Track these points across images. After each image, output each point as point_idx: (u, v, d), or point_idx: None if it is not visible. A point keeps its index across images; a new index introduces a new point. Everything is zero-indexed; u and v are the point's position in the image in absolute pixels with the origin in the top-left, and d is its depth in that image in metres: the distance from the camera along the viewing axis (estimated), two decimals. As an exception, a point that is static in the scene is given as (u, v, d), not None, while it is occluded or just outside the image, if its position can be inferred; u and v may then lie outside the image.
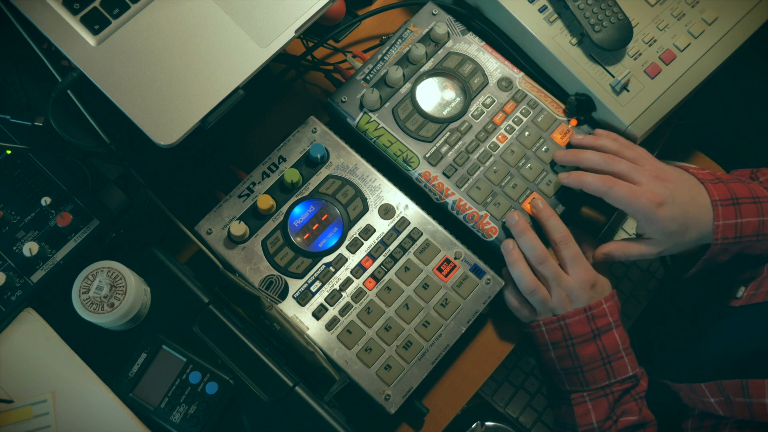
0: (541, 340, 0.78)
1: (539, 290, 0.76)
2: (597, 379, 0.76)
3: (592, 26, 0.80)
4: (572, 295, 0.76)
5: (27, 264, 0.70)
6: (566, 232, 0.77)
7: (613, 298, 0.78)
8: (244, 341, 0.70)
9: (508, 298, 0.79)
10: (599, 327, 0.76)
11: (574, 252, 0.77)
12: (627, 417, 0.76)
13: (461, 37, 0.85)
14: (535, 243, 0.76)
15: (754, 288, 0.79)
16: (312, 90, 0.91)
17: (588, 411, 0.76)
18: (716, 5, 0.85)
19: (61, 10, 0.65)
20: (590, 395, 0.76)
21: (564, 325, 0.76)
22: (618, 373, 0.76)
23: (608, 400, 0.76)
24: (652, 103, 0.81)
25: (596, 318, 0.76)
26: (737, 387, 0.72)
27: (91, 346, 0.68)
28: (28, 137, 0.73)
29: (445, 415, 0.79)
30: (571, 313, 0.76)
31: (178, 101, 0.65)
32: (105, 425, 0.66)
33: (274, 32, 0.69)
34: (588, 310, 0.75)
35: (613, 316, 0.77)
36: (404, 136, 0.81)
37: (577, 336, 0.75)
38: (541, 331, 0.77)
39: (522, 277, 0.76)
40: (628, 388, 0.77)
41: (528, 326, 0.79)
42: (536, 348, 0.79)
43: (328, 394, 0.71)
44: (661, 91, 0.81)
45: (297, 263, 0.76)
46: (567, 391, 0.78)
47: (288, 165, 0.79)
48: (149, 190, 0.76)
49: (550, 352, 0.77)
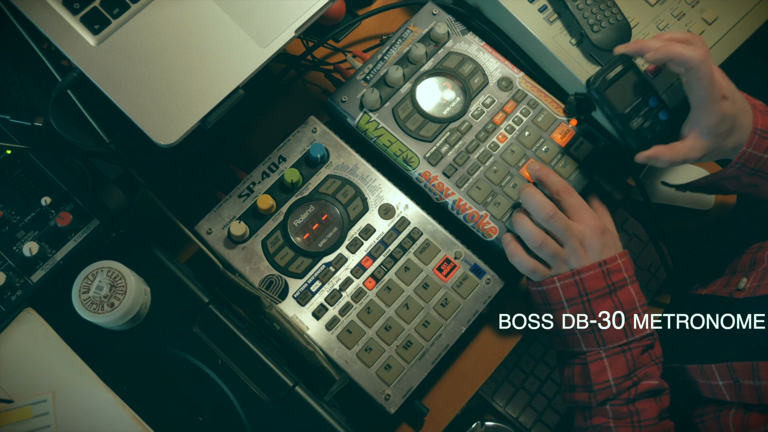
0: (556, 297, 0.75)
1: (547, 242, 0.75)
2: (614, 337, 0.74)
3: (590, 26, 0.80)
4: (585, 241, 0.75)
5: (27, 264, 0.70)
6: (566, 183, 0.77)
7: (626, 254, 0.76)
8: (244, 341, 0.70)
9: (522, 262, 0.76)
10: (615, 282, 0.74)
11: (578, 200, 0.77)
12: (648, 381, 0.74)
13: (461, 37, 0.85)
14: (541, 199, 0.76)
15: (757, 279, 0.79)
16: (312, 90, 0.91)
17: (604, 368, 0.74)
18: (716, 5, 0.85)
19: (61, 10, 0.65)
20: (607, 352, 0.74)
21: (579, 279, 0.74)
22: (636, 331, 0.74)
23: (626, 357, 0.74)
24: (652, 103, 0.81)
25: (611, 273, 0.74)
26: (748, 369, 0.71)
27: (91, 346, 0.68)
28: (28, 137, 0.73)
29: (445, 415, 0.79)
30: (586, 267, 0.74)
31: (178, 101, 0.65)
32: (105, 425, 0.66)
33: (274, 32, 0.69)
34: (603, 264, 0.74)
35: (628, 271, 0.75)
36: (404, 135, 0.81)
37: (593, 291, 0.74)
38: (555, 287, 0.75)
39: (528, 232, 0.75)
40: (647, 346, 0.75)
41: (542, 283, 0.76)
42: (549, 308, 0.77)
43: (328, 394, 0.71)
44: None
45: (297, 263, 0.76)
46: (582, 351, 0.76)
47: (288, 165, 0.79)
48: (149, 190, 0.76)
49: (565, 309, 0.75)
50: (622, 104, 0.77)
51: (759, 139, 0.75)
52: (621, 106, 0.77)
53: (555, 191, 0.77)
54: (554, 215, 0.75)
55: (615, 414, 0.73)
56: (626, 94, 0.78)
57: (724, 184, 0.79)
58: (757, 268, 0.81)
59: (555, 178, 0.78)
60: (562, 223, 0.75)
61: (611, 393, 0.73)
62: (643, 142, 0.77)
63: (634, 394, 0.73)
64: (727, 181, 0.78)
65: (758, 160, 0.76)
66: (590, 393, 0.74)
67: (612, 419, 0.73)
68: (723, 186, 0.80)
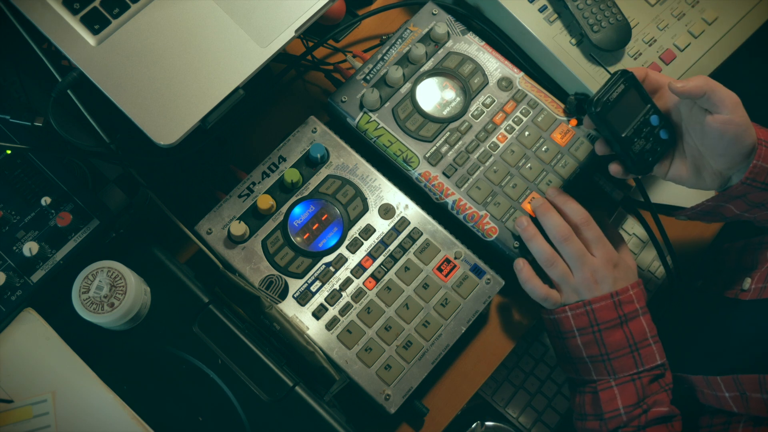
0: (567, 326, 0.76)
1: (558, 263, 0.75)
2: (625, 367, 0.74)
3: (590, 26, 0.80)
4: (597, 274, 0.75)
5: (27, 264, 0.70)
6: (586, 213, 0.77)
7: (639, 285, 0.77)
8: (244, 341, 0.70)
9: (534, 289, 0.76)
10: (626, 313, 0.74)
11: (597, 233, 0.76)
12: (658, 408, 0.74)
13: (461, 36, 0.85)
14: (559, 221, 0.76)
15: (762, 280, 0.79)
16: (312, 90, 0.91)
17: (614, 396, 0.74)
18: (716, 5, 0.85)
19: (61, 10, 0.65)
20: (616, 381, 0.75)
21: (590, 310, 0.74)
22: (646, 362, 0.74)
23: (635, 385, 0.74)
24: (652, 103, 0.81)
25: (623, 304, 0.74)
26: (754, 382, 0.71)
27: (91, 346, 0.68)
28: (28, 137, 0.73)
29: (445, 415, 0.79)
30: (597, 298, 0.75)
31: (178, 101, 0.65)
32: (105, 425, 0.66)
33: (274, 32, 0.69)
34: (615, 295, 0.74)
35: (640, 302, 0.76)
36: (404, 135, 0.81)
37: (604, 322, 0.74)
38: (567, 316, 0.76)
39: (540, 250, 0.76)
40: (657, 376, 0.75)
41: (554, 312, 0.77)
42: (561, 336, 0.77)
43: (328, 394, 0.71)
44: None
45: (297, 263, 0.76)
46: (593, 380, 0.76)
47: (288, 165, 0.79)
48: (149, 190, 0.76)
49: (576, 338, 0.76)
50: (623, 127, 0.73)
51: (766, 151, 0.72)
52: (622, 128, 0.73)
53: (574, 223, 0.77)
54: (570, 239, 0.75)
55: None
56: (627, 115, 0.73)
57: (729, 206, 0.77)
58: (760, 267, 0.81)
59: (575, 206, 0.77)
60: (576, 251, 0.75)
61: (621, 421, 0.74)
62: (645, 165, 0.75)
63: (645, 421, 0.74)
64: (732, 202, 0.76)
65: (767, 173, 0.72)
66: (601, 421, 0.75)
67: None
68: (725, 210, 0.78)
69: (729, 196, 0.75)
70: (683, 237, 0.96)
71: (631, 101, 0.73)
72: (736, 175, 0.73)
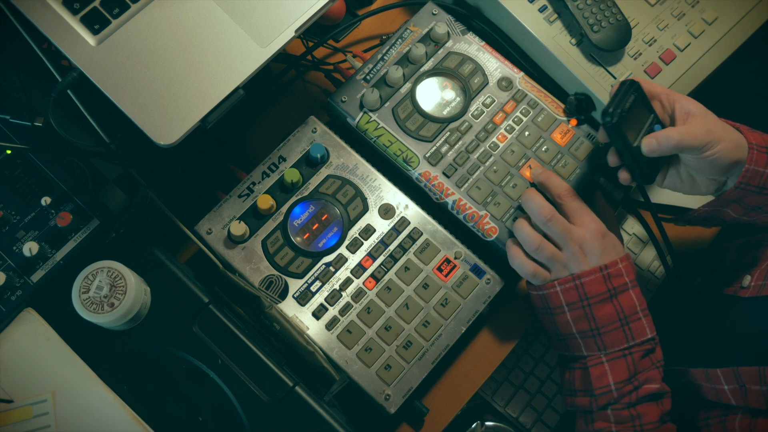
0: (556, 301, 0.75)
1: (544, 245, 0.75)
2: (615, 341, 0.74)
3: (590, 26, 0.80)
4: (585, 246, 0.74)
5: (27, 264, 0.70)
6: (567, 185, 0.77)
7: (628, 259, 0.76)
8: (244, 341, 0.70)
9: (522, 265, 0.76)
10: (616, 287, 0.74)
11: (579, 203, 0.76)
12: (649, 385, 0.74)
13: (461, 36, 0.85)
14: (541, 202, 0.76)
15: (761, 277, 0.79)
16: (312, 90, 0.91)
17: (605, 372, 0.74)
18: (716, 5, 0.85)
19: (61, 10, 0.65)
20: (607, 357, 0.74)
21: (580, 284, 0.74)
22: (637, 335, 0.74)
23: (626, 361, 0.74)
24: (652, 103, 0.81)
25: (612, 277, 0.74)
26: (754, 374, 0.71)
27: (91, 346, 0.68)
28: (28, 137, 0.73)
29: (445, 415, 0.79)
30: (587, 271, 0.74)
31: (178, 101, 0.65)
32: (105, 425, 0.66)
33: (274, 32, 0.69)
34: (604, 268, 0.74)
35: (630, 275, 0.75)
36: (404, 135, 0.81)
37: (594, 296, 0.74)
38: (555, 291, 0.75)
39: (525, 235, 0.75)
40: (648, 351, 0.75)
41: (543, 287, 0.76)
42: (550, 311, 0.77)
43: (328, 394, 0.71)
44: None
45: (297, 263, 0.76)
46: (583, 356, 0.76)
47: (288, 165, 0.79)
48: (149, 190, 0.76)
49: (566, 314, 0.75)
50: (633, 137, 0.73)
51: (758, 155, 0.73)
52: (633, 138, 0.73)
53: (556, 194, 0.77)
54: (552, 218, 0.75)
55: (616, 418, 0.73)
56: (636, 125, 0.73)
57: (726, 211, 0.77)
58: (760, 265, 0.81)
59: (556, 180, 0.77)
60: (560, 227, 0.75)
61: (612, 397, 0.73)
62: (653, 175, 0.76)
63: (636, 398, 0.73)
64: (729, 206, 0.76)
65: (761, 176, 0.73)
66: (591, 397, 0.74)
67: (613, 423, 0.73)
68: (723, 214, 0.78)
69: (725, 201, 0.75)
70: (683, 236, 0.96)
71: (639, 111, 0.73)
72: (731, 179, 0.74)
